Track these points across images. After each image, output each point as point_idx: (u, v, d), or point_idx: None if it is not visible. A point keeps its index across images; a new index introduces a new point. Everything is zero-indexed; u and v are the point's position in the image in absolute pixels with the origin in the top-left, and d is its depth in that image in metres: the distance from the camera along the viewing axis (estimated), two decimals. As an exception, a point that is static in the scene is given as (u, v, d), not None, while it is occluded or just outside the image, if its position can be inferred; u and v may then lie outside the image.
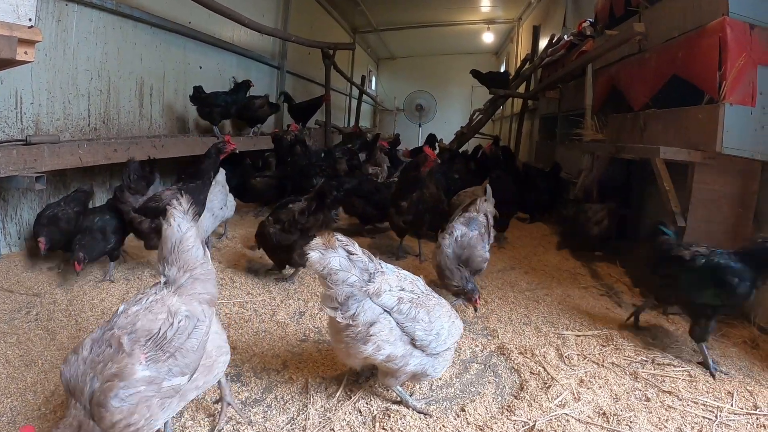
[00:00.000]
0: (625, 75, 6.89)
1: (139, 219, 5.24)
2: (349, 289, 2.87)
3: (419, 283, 3.21)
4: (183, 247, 2.83)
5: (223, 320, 4.40)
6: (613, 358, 4.11)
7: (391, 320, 2.97)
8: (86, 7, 6.75)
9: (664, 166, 5.13)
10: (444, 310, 3.17)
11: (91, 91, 7.02)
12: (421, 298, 3.08)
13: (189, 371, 2.50)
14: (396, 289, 3.00)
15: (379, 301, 2.93)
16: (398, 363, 3.03)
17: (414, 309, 2.99)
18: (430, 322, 3.03)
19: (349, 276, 2.87)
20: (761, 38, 4.79)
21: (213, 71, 10.37)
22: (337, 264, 2.85)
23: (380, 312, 2.94)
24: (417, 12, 20.24)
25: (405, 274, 3.19)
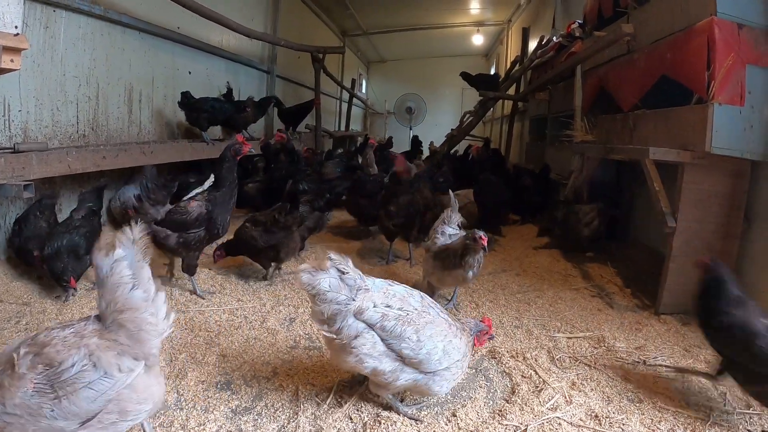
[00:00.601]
0: (614, 76, 6.89)
1: (164, 233, 4.98)
2: (336, 306, 2.89)
3: (413, 300, 3.15)
4: (112, 281, 2.45)
5: (213, 328, 4.38)
6: (604, 359, 4.11)
7: (375, 335, 2.96)
8: (74, 13, 6.70)
9: (653, 167, 5.13)
10: (439, 329, 3.08)
11: (80, 98, 6.97)
12: (410, 315, 3.02)
13: (76, 420, 2.30)
14: (381, 306, 2.98)
15: (362, 317, 2.93)
16: (387, 378, 3.02)
17: (400, 326, 2.96)
18: (418, 341, 2.98)
19: (338, 296, 2.89)
20: (749, 37, 4.80)
21: (202, 76, 10.34)
22: (327, 285, 2.87)
23: (363, 327, 2.94)
24: (407, 15, 20.23)
25: (396, 290, 3.14)
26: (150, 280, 2.55)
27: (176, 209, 5.05)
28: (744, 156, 4.86)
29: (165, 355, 3.83)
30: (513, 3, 18.11)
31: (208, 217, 4.98)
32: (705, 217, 5.05)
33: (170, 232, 4.97)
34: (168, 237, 4.96)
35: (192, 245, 5.02)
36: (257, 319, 4.62)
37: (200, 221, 4.96)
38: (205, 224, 4.98)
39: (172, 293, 5.13)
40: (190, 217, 4.94)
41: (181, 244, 4.99)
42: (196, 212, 4.95)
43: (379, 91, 29.09)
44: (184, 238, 4.97)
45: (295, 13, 16.01)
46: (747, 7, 4.89)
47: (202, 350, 3.95)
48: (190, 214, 4.95)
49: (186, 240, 4.97)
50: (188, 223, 4.93)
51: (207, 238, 5.11)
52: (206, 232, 5.02)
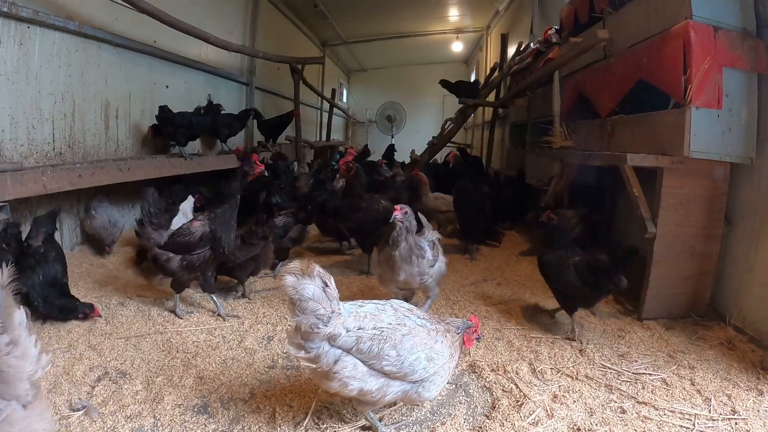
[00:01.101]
0: (592, 81, 6.88)
1: (166, 256, 4.88)
2: (315, 320, 2.82)
3: (386, 315, 3.08)
4: None
5: (190, 349, 4.32)
6: (587, 370, 4.08)
7: (354, 358, 2.91)
8: (48, 29, 6.63)
9: (632, 173, 5.12)
10: (418, 339, 3.02)
11: (56, 115, 6.90)
12: (385, 332, 2.96)
13: None
14: (354, 330, 2.91)
15: (336, 344, 2.87)
16: (375, 396, 2.97)
17: (377, 346, 2.90)
18: (398, 356, 2.93)
19: (319, 307, 2.83)
20: (726, 40, 4.78)
21: (180, 90, 10.24)
22: (311, 293, 2.81)
23: (341, 352, 2.89)
24: (386, 24, 20.24)
25: (366, 309, 3.07)
26: (21, 324, 2.39)
27: (179, 231, 4.95)
28: (723, 159, 4.86)
29: (142, 378, 3.79)
30: (491, 9, 18.14)
31: (212, 236, 4.92)
32: (685, 221, 5.05)
33: (172, 255, 4.88)
34: (171, 260, 4.86)
35: (197, 266, 4.93)
36: (235, 339, 4.55)
37: (204, 241, 4.90)
38: (209, 244, 4.91)
39: (150, 314, 5.07)
40: (193, 237, 4.87)
41: (184, 267, 4.90)
42: (200, 232, 4.89)
43: (360, 100, 29.13)
44: (188, 260, 4.88)
45: (274, 25, 15.95)
46: (723, 10, 4.88)
47: (180, 372, 3.89)
48: (193, 235, 4.87)
49: (190, 262, 4.88)
50: (192, 244, 4.86)
51: (213, 258, 5.03)
52: (212, 252, 4.95)
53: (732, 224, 5.19)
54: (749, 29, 4.91)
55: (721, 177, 5.06)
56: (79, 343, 4.35)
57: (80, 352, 4.18)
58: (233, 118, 10.53)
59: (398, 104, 23.73)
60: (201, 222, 4.96)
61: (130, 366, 3.98)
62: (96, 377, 3.80)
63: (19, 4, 6.00)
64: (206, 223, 4.94)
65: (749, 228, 4.99)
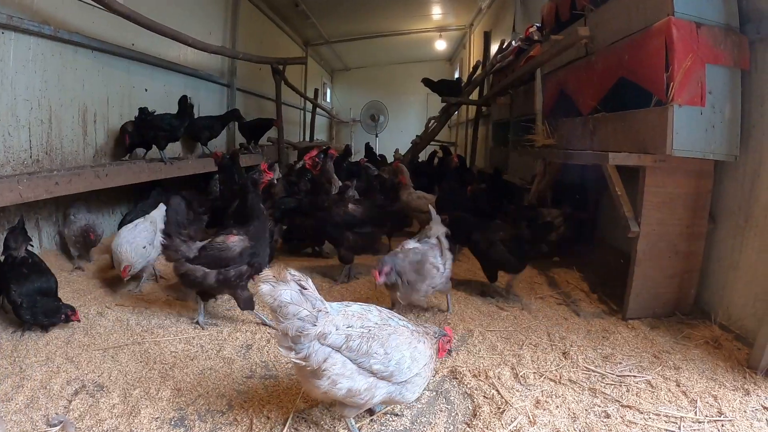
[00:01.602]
0: (573, 79, 6.86)
1: (201, 272, 4.76)
2: (300, 323, 2.81)
3: (372, 315, 3.10)
4: None
5: (168, 360, 4.24)
6: (570, 373, 4.03)
7: (342, 356, 2.90)
8: (23, 34, 6.53)
9: (615, 172, 5.09)
10: (402, 338, 3.06)
11: (32, 122, 6.80)
12: (372, 331, 2.98)
13: None
14: (343, 328, 2.92)
15: (326, 342, 2.86)
16: (364, 397, 2.96)
17: (365, 344, 2.91)
18: (386, 354, 2.95)
19: (301, 310, 2.81)
20: (708, 36, 4.74)
21: (159, 93, 10.13)
22: (288, 297, 2.80)
23: (330, 350, 2.88)
24: (369, 23, 20.24)
25: (353, 309, 3.08)
26: None
27: (213, 245, 4.85)
28: (706, 157, 4.82)
29: (119, 391, 3.72)
30: (474, 7, 18.15)
31: (252, 252, 4.89)
32: (669, 220, 5.02)
33: (208, 270, 4.79)
34: (207, 275, 4.77)
35: (232, 281, 4.85)
36: (213, 348, 4.48)
37: (244, 256, 4.85)
38: (248, 259, 4.87)
39: (128, 323, 4.99)
40: (232, 252, 4.80)
41: (221, 282, 4.81)
42: (239, 247, 4.84)
43: (344, 100, 29.12)
44: (224, 275, 4.80)
45: (255, 25, 15.85)
46: (705, 6, 4.84)
47: (157, 384, 3.82)
48: (231, 250, 4.80)
49: (226, 277, 4.80)
50: (230, 259, 4.79)
51: (250, 273, 4.97)
52: (249, 267, 4.90)
53: (716, 222, 5.17)
54: (733, 25, 4.87)
55: (704, 174, 5.02)
56: (57, 356, 4.27)
57: (58, 365, 4.10)
58: (214, 120, 10.46)
59: (381, 102, 23.73)
60: (239, 237, 4.90)
61: (107, 378, 3.91)
62: (73, 391, 3.73)
63: (-7, 10, 5.92)
64: (245, 239, 4.90)
65: (734, 225, 4.97)
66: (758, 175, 4.70)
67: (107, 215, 8.62)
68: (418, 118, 25.31)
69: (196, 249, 4.83)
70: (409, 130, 21.82)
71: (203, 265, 4.78)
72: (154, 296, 5.73)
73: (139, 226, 5.91)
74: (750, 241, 4.73)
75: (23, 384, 3.80)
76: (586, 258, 7.02)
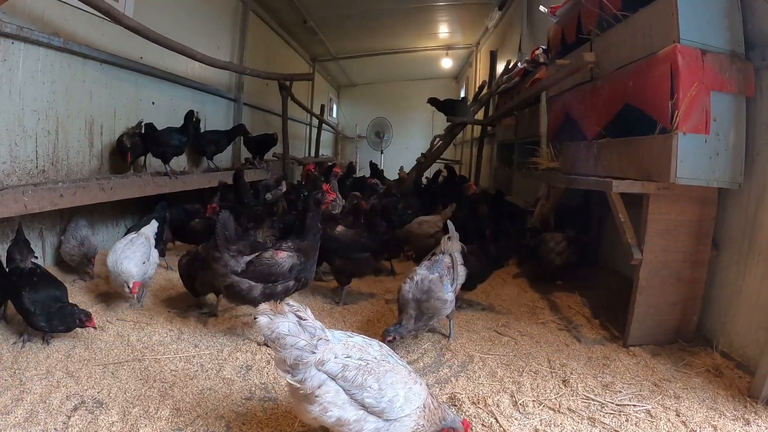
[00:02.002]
0: (578, 103, 6.86)
1: (247, 285, 4.85)
2: (297, 352, 2.83)
3: (372, 349, 3.10)
4: None
5: (168, 378, 4.22)
6: (570, 402, 3.99)
7: (337, 385, 2.90)
8: (33, 45, 6.59)
9: (619, 199, 5.09)
10: (399, 377, 3.04)
11: (39, 132, 6.84)
12: (370, 365, 2.98)
13: None
14: (342, 357, 2.93)
15: (324, 369, 2.87)
16: (352, 428, 2.94)
17: (361, 376, 2.91)
18: (380, 389, 2.93)
19: (298, 340, 2.84)
20: (714, 64, 4.72)
21: (166, 107, 10.19)
22: (286, 329, 2.82)
23: (326, 377, 2.89)
24: (376, 40, 20.35)
25: (355, 341, 3.08)
26: None
27: (261, 260, 4.93)
28: (710, 184, 4.80)
29: (118, 408, 3.71)
30: (481, 27, 18.23)
31: (301, 268, 4.98)
32: (672, 247, 5.00)
33: (254, 283, 4.87)
34: (252, 288, 4.85)
35: (278, 295, 4.92)
36: (213, 368, 4.47)
37: (293, 271, 4.95)
38: (296, 274, 4.96)
39: (129, 339, 4.98)
40: (281, 268, 4.89)
41: (267, 296, 4.85)
42: (289, 263, 4.93)
43: (350, 115, 29.18)
44: (271, 289, 4.88)
45: (263, 40, 15.97)
46: (711, 32, 4.82)
47: (156, 403, 3.81)
48: (280, 266, 4.89)
49: (272, 291, 4.88)
50: (278, 274, 4.88)
51: (296, 288, 5.11)
52: (296, 282, 5.01)
53: (720, 248, 5.15)
54: (738, 51, 4.85)
55: (708, 201, 5.01)
56: (57, 369, 4.26)
57: (58, 379, 4.10)
58: (221, 135, 10.48)
59: (385, 119, 23.85)
60: (288, 253, 4.99)
61: (106, 395, 3.90)
62: (72, 406, 3.72)
63: (4, 20, 5.97)
64: (294, 255, 4.99)
65: (737, 252, 4.95)
66: (762, 202, 4.69)
67: (111, 227, 8.65)
68: (423, 136, 25.35)
69: (244, 263, 4.92)
70: (415, 147, 21.86)
71: (250, 278, 4.87)
72: (155, 311, 5.72)
73: (135, 242, 5.86)
74: (753, 268, 4.71)
75: (23, 397, 3.79)
76: (588, 281, 6.99)
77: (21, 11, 6.39)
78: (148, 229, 6.09)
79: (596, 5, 6.18)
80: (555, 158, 7.34)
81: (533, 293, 6.76)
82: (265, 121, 15.68)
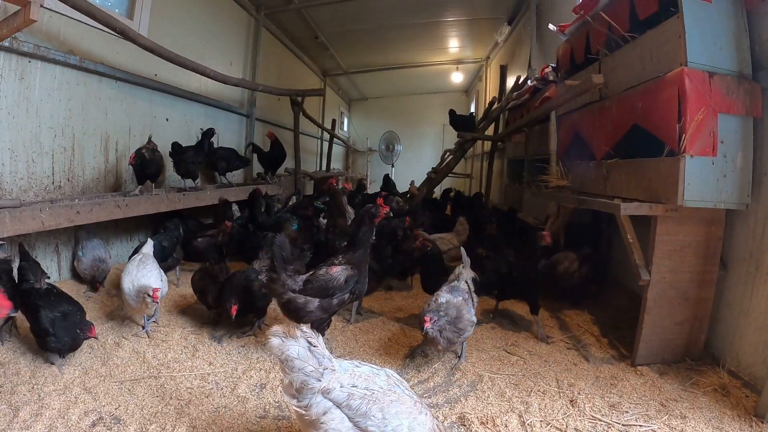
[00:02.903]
0: (588, 123, 6.91)
1: (303, 299, 4.93)
2: (304, 377, 2.90)
3: (379, 379, 3.14)
4: None
5: (184, 396, 4.29)
6: (577, 422, 4.03)
7: (342, 413, 2.96)
8: (50, 63, 6.76)
9: (627, 220, 5.14)
10: (404, 407, 3.07)
11: (55, 149, 6.99)
12: (375, 394, 3.02)
13: None
14: (348, 386, 2.98)
15: (329, 397, 2.93)
16: None
17: (365, 405, 2.95)
18: (383, 419, 2.96)
19: (306, 365, 2.91)
20: (721, 86, 4.76)
21: (180, 123, 10.33)
22: (296, 353, 2.91)
23: (331, 405, 2.94)
24: (386, 54, 20.40)
25: (362, 370, 3.13)
26: None
27: (317, 277, 5.02)
28: (717, 206, 4.84)
29: (136, 425, 3.78)
30: (491, 41, 18.27)
31: (356, 280, 5.08)
32: (680, 267, 5.04)
33: (311, 298, 4.95)
34: (308, 303, 4.93)
35: (334, 308, 5.05)
36: (228, 386, 4.52)
37: (349, 284, 5.03)
38: (351, 286, 5.06)
39: (144, 356, 5.05)
40: (337, 282, 4.97)
41: (324, 309, 4.97)
42: (344, 276, 5.01)
43: (361, 129, 29.21)
44: (327, 302, 4.97)
45: (275, 55, 16.11)
46: (718, 54, 4.86)
47: (173, 420, 3.88)
48: (336, 280, 4.97)
49: (329, 304, 4.98)
50: (335, 288, 4.97)
51: (351, 300, 5.24)
52: (350, 294, 5.11)
53: (727, 268, 5.18)
54: (745, 72, 4.90)
55: (716, 222, 5.04)
56: (75, 385, 4.34)
57: (75, 395, 4.17)
58: (233, 153, 10.56)
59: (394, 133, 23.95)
60: (342, 267, 5.07)
61: (124, 412, 3.97)
62: (91, 422, 3.80)
63: (21, 39, 6.12)
64: (348, 268, 5.06)
65: (744, 272, 4.97)
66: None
67: (125, 242, 8.74)
68: (433, 149, 25.44)
69: (301, 282, 5.01)
70: (425, 161, 21.93)
71: (310, 295, 4.96)
72: (170, 328, 5.78)
73: (146, 261, 5.80)
74: (760, 288, 4.74)
75: (42, 412, 3.87)
76: (598, 299, 7.01)
77: (38, 30, 6.54)
78: (147, 248, 6.05)
79: (605, 26, 6.24)
80: (565, 176, 7.38)
81: (542, 311, 6.73)
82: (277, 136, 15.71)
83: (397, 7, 15.12)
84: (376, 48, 19.32)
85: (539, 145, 9.85)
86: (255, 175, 13.27)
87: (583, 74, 6.94)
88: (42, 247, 6.82)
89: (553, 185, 7.55)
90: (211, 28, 11.73)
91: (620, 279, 7.07)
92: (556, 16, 10.40)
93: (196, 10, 10.92)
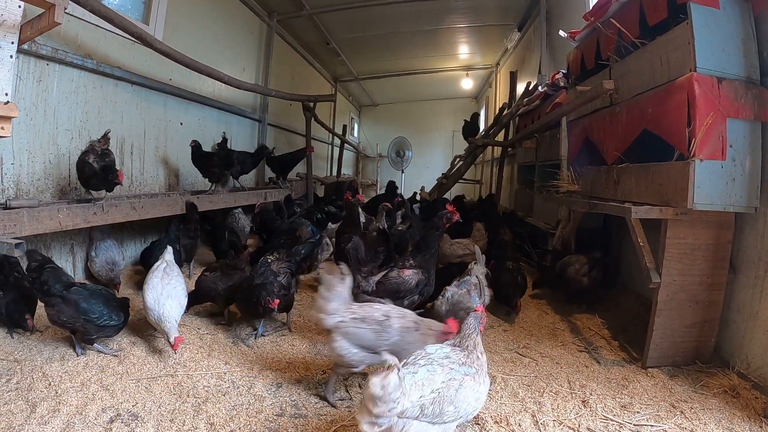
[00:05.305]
0: (598, 128, 6.94)
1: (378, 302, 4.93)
2: (392, 405, 2.92)
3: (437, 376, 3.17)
4: None
5: (201, 394, 4.34)
6: (589, 422, 4.07)
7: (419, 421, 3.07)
8: (67, 66, 6.86)
9: (638, 224, 5.18)
10: (468, 390, 3.19)
11: (72, 151, 7.06)
12: (441, 392, 3.10)
13: None
14: (417, 399, 3.03)
15: (404, 416, 3.01)
16: None
17: (437, 407, 3.07)
18: (455, 409, 3.13)
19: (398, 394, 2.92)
20: (729, 91, 4.80)
21: (194, 127, 10.44)
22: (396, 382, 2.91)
23: (408, 419, 3.04)
24: (397, 61, 20.48)
25: (420, 377, 3.13)
26: None
27: (390, 279, 5.19)
28: (726, 209, 4.87)
29: (153, 422, 3.83)
30: (500, 47, 18.30)
31: (426, 282, 5.23)
32: (690, 270, 5.08)
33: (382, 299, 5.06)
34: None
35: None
36: (245, 384, 4.56)
37: (419, 286, 5.18)
38: (421, 288, 5.20)
39: (161, 354, 5.10)
40: (409, 284, 5.14)
41: None
42: (415, 279, 5.19)
43: (371, 135, 29.26)
44: (399, 304, 5.01)
45: (287, 61, 16.23)
46: (727, 60, 4.90)
47: (191, 418, 3.93)
48: (408, 282, 5.15)
49: (400, 306, 4.98)
50: (407, 290, 5.13)
51: (419, 301, 5.39)
52: (419, 296, 5.27)
53: (737, 271, 5.21)
54: (753, 78, 4.94)
55: (725, 225, 5.08)
56: (92, 383, 4.38)
57: (93, 392, 4.21)
58: (247, 155, 10.63)
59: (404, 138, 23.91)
60: (413, 270, 5.24)
61: (141, 409, 4.02)
62: (108, 418, 3.84)
63: (39, 42, 6.19)
64: (418, 271, 5.22)
65: (754, 275, 5.00)
66: (778, 225, 4.75)
67: (138, 242, 8.81)
68: (443, 155, 25.46)
69: (374, 283, 5.17)
70: (435, 167, 21.94)
71: (382, 296, 5.11)
72: (185, 328, 5.79)
73: (170, 272, 5.60)
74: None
75: (59, 408, 3.92)
76: (608, 302, 7.04)
77: (56, 34, 6.63)
78: (168, 255, 5.86)
79: (614, 32, 6.28)
80: (575, 181, 7.40)
81: (554, 315, 6.83)
82: (287, 141, 15.93)
83: (407, 13, 15.21)
84: (386, 54, 19.39)
85: (550, 151, 9.88)
86: (267, 179, 13.34)
87: (593, 80, 6.98)
88: (58, 248, 6.89)
89: (564, 190, 7.57)
90: (224, 34, 11.85)
91: (630, 283, 7.09)
92: (566, 22, 10.47)
93: (209, 16, 11.04)
